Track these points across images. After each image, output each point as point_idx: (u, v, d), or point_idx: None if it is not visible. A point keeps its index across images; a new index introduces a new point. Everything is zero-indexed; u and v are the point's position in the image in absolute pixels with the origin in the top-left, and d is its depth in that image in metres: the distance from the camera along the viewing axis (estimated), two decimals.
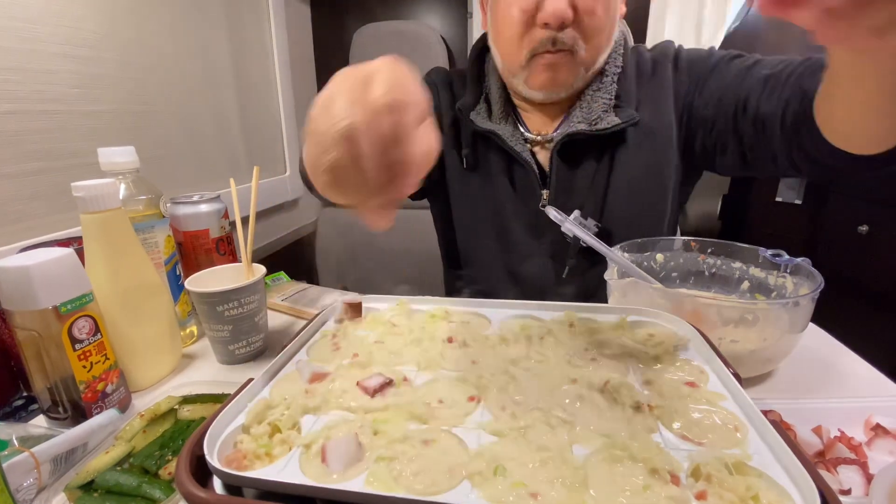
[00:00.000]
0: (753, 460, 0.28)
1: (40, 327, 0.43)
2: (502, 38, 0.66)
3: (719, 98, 0.64)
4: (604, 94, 0.68)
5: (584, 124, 0.67)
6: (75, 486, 0.38)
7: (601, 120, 0.67)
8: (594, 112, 0.67)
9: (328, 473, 0.28)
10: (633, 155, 0.69)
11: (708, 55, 0.69)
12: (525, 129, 0.73)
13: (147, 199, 0.59)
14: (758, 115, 0.60)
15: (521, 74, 0.66)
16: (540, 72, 0.65)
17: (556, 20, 0.59)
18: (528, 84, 0.67)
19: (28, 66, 0.64)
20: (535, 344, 0.42)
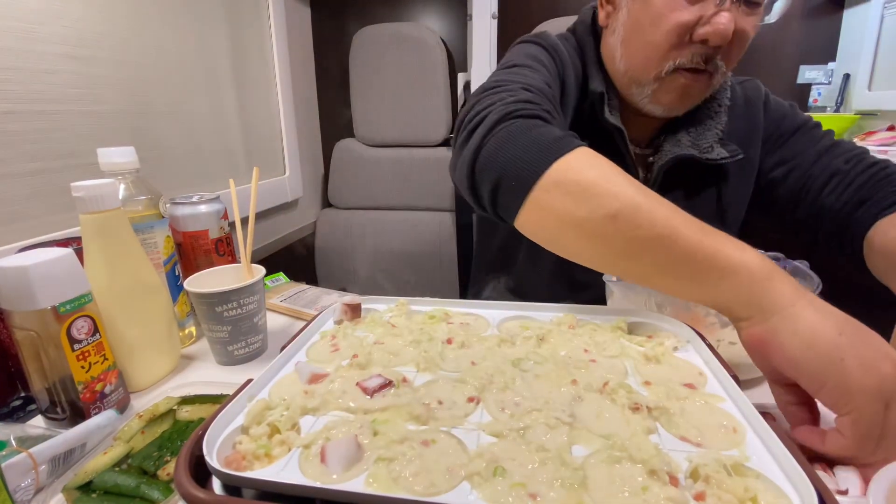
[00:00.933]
0: (751, 461, 0.28)
1: (39, 327, 0.43)
2: (642, 42, 0.59)
3: (792, 167, 0.66)
4: (717, 123, 0.67)
5: (695, 150, 0.65)
6: (73, 487, 0.37)
7: (712, 150, 0.65)
8: (706, 140, 0.66)
9: (328, 474, 0.28)
10: (733, 189, 0.70)
11: (792, 113, 0.71)
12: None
13: (146, 200, 0.59)
14: (814, 205, 0.64)
15: (650, 86, 0.60)
16: (673, 90, 0.60)
17: (722, 39, 0.54)
18: (654, 99, 0.61)
19: (27, 65, 0.64)
20: (534, 345, 0.42)
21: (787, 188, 0.67)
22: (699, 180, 0.69)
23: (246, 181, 1.13)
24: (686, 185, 0.69)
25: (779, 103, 0.72)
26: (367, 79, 1.42)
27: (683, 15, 0.55)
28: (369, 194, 1.50)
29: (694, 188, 0.70)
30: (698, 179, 0.69)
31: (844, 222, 0.61)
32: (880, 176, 0.60)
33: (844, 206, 0.61)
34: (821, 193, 0.64)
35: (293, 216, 1.47)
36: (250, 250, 0.60)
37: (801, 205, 0.66)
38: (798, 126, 0.69)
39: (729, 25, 0.53)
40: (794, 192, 0.67)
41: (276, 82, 1.31)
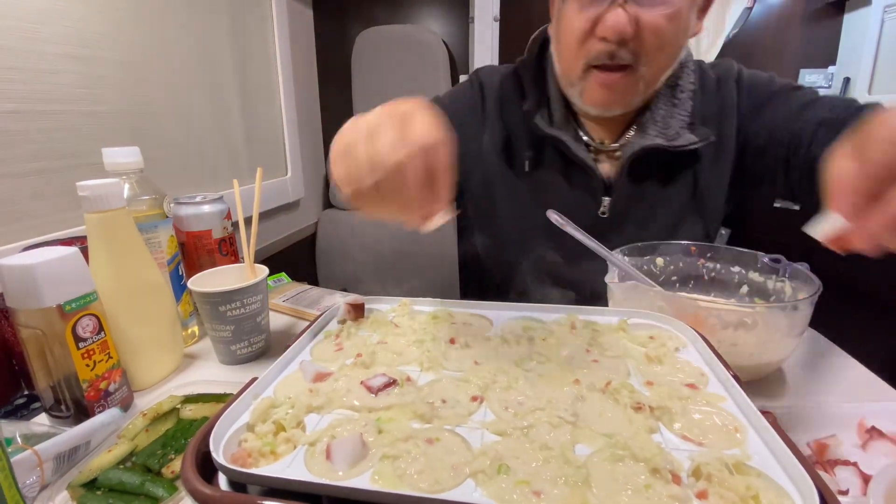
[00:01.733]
0: (753, 460, 0.28)
1: (44, 325, 0.43)
2: (562, 46, 0.65)
3: (773, 129, 0.65)
4: (681, 110, 0.68)
5: (662, 139, 0.66)
6: (78, 485, 0.38)
7: (679, 136, 0.66)
8: (672, 128, 0.67)
9: (333, 471, 0.28)
10: (708, 174, 0.69)
11: (769, 81, 0.69)
12: (588, 137, 0.72)
13: (151, 200, 0.59)
14: (808, 159, 0.60)
15: (577, 86, 0.65)
16: (595, 88, 0.63)
17: (614, 35, 0.57)
18: (584, 98, 0.65)
19: (31, 65, 0.64)
20: (536, 345, 0.43)
21: (774, 152, 0.65)
22: (672, 169, 0.70)
23: (248, 181, 1.13)
24: (659, 174, 0.70)
25: (755, 75, 0.70)
26: (370, 80, 1.43)
27: (584, 16, 0.60)
28: None
29: (667, 177, 0.70)
30: (671, 168, 0.69)
31: None
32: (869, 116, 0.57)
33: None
34: (811, 145, 0.60)
35: (295, 216, 1.47)
36: (253, 250, 0.60)
37: (793, 163, 0.63)
38: (776, 91, 0.67)
39: (619, 21, 0.57)
40: (783, 154, 0.64)
41: (279, 83, 1.31)
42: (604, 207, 0.70)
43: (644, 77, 0.62)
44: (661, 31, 0.58)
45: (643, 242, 0.63)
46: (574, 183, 0.71)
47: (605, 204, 0.70)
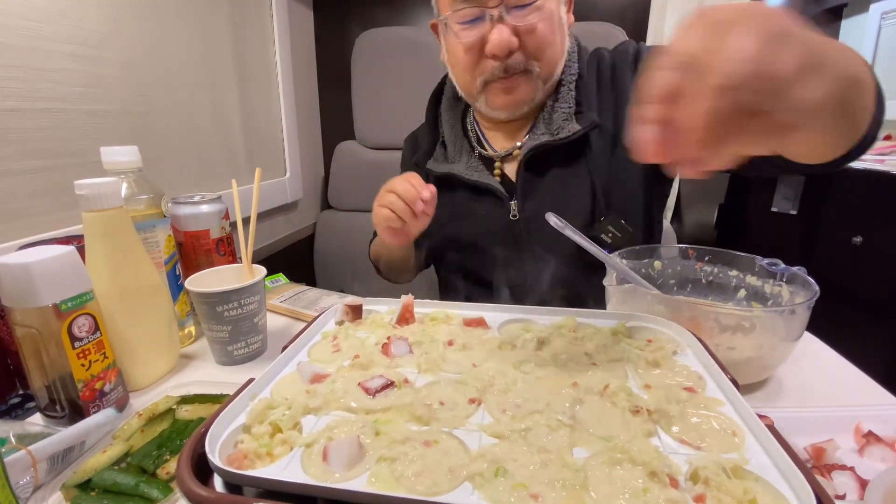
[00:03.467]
0: (751, 464, 0.28)
1: (40, 324, 0.43)
2: (457, 70, 0.71)
3: None
4: (562, 103, 0.70)
5: (548, 135, 0.70)
6: (72, 485, 0.37)
7: (562, 129, 0.69)
8: (555, 122, 0.70)
9: (330, 473, 0.28)
10: (599, 159, 0.70)
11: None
12: (491, 149, 0.77)
13: (148, 199, 0.59)
14: None
15: (481, 98, 0.69)
16: (496, 94, 0.68)
17: (502, 51, 0.62)
18: (489, 106, 0.70)
19: (31, 63, 0.64)
20: (534, 348, 0.42)
21: None
22: (567, 161, 0.71)
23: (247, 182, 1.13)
24: (556, 169, 0.72)
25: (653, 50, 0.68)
26: (369, 81, 1.43)
27: (467, 41, 0.64)
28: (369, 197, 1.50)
29: (565, 170, 0.72)
30: (566, 161, 0.71)
31: None
32: None
33: None
34: None
35: (293, 217, 1.47)
36: (251, 250, 0.60)
37: None
38: None
39: (503, 37, 0.61)
40: None
41: (278, 84, 1.31)
42: (514, 211, 0.73)
43: (540, 76, 0.67)
44: (540, 34, 0.63)
45: (641, 246, 0.63)
46: (483, 197, 0.75)
47: (514, 208, 0.73)
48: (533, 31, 0.63)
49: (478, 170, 0.75)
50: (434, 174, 0.77)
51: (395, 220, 0.65)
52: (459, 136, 0.79)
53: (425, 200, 0.63)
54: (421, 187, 0.63)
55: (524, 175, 0.72)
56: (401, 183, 0.64)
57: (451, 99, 0.81)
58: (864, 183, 1.28)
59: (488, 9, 0.62)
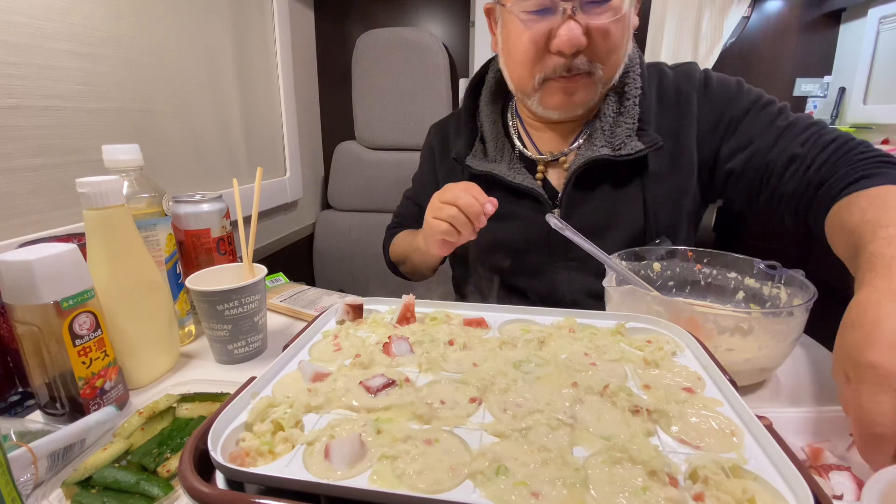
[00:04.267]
0: (749, 464, 0.28)
1: (41, 322, 0.43)
2: (513, 62, 0.66)
3: (750, 156, 0.65)
4: (626, 117, 0.67)
5: (608, 149, 0.66)
6: (72, 483, 0.37)
7: (625, 145, 0.66)
8: (618, 137, 0.67)
9: (332, 471, 0.28)
10: (655, 181, 0.68)
11: (737, 92, 0.68)
12: (535, 150, 0.73)
13: (150, 198, 0.59)
14: (776, 192, 0.63)
15: (535, 96, 0.66)
16: (554, 93, 0.64)
17: (570, 48, 0.58)
18: (543, 105, 0.66)
19: (33, 61, 0.64)
20: (535, 348, 0.43)
21: (747, 177, 0.66)
22: (621, 177, 0.69)
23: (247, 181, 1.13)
24: (607, 184, 0.69)
25: (723, 85, 0.69)
26: (370, 82, 1.43)
27: (534, 32, 0.60)
28: (369, 197, 1.51)
29: (617, 186, 0.69)
30: (620, 176, 0.69)
31: (807, 205, 0.61)
32: (838, 155, 0.59)
33: (806, 190, 0.61)
34: (781, 179, 0.63)
35: (293, 217, 1.47)
36: (252, 249, 0.60)
37: (764, 191, 0.65)
38: (748, 107, 0.66)
39: (574, 34, 0.57)
40: (755, 179, 0.65)
41: (279, 84, 1.31)
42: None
43: (601, 79, 0.64)
44: (611, 36, 0.60)
45: (640, 247, 0.64)
46: (522, 200, 0.72)
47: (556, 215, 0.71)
48: (605, 32, 0.59)
49: (520, 172, 0.72)
50: (473, 171, 0.73)
51: (453, 234, 0.63)
52: (500, 133, 0.75)
53: (488, 214, 0.61)
54: (485, 201, 0.61)
55: (573, 185, 0.69)
56: (465, 197, 0.61)
57: (492, 92, 0.76)
58: None
59: (562, 1, 0.57)
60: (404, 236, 0.87)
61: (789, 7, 1.66)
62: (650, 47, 1.63)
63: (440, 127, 0.87)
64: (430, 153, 0.87)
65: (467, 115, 0.78)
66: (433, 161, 0.86)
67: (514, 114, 0.77)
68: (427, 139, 0.89)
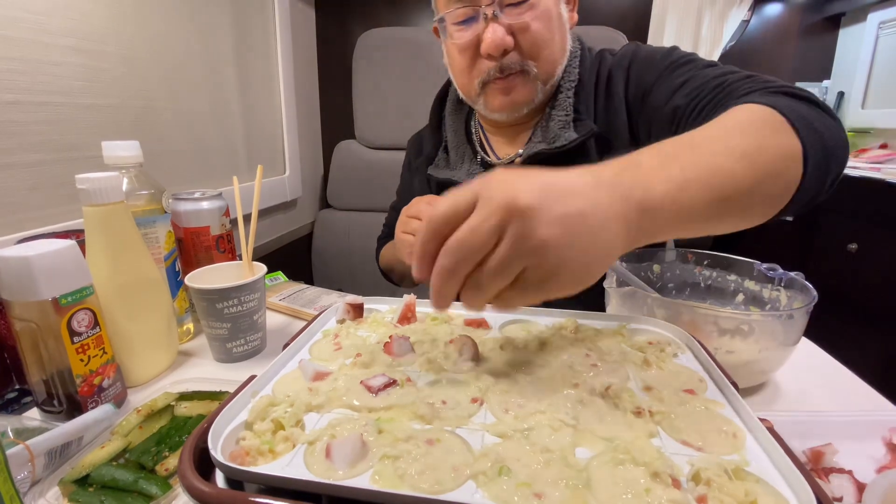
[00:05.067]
0: (751, 466, 0.28)
1: (39, 318, 0.42)
2: (455, 72, 0.70)
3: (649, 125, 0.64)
4: (559, 110, 0.68)
5: (544, 143, 0.68)
6: (70, 481, 0.37)
7: (559, 137, 0.67)
8: (552, 130, 0.68)
9: (333, 470, 0.28)
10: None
11: (660, 60, 0.65)
12: (494, 155, 0.76)
13: (149, 195, 0.59)
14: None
15: (479, 101, 0.69)
16: (494, 95, 0.67)
17: (496, 50, 0.61)
18: (488, 108, 0.69)
19: (33, 57, 0.64)
20: (536, 349, 0.43)
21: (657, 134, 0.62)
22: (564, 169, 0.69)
23: (247, 179, 1.13)
24: None
25: (646, 60, 0.66)
26: (370, 81, 1.43)
27: (463, 42, 0.63)
28: (368, 196, 1.50)
29: None
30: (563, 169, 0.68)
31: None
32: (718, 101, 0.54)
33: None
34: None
35: (292, 216, 1.46)
36: (252, 248, 0.60)
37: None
38: (661, 72, 0.63)
39: (497, 35, 0.60)
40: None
41: (280, 82, 1.31)
42: None
43: (538, 76, 0.65)
44: (535, 32, 0.62)
45: (641, 249, 0.64)
46: None
47: None
48: (527, 29, 0.61)
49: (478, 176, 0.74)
50: (435, 180, 0.76)
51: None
52: (462, 141, 0.78)
53: None
54: None
55: None
56: (426, 210, 0.63)
57: (454, 102, 0.80)
58: (860, 190, 1.29)
59: (481, 7, 0.61)
60: (389, 248, 0.90)
61: (789, 11, 1.66)
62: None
63: (415, 139, 0.91)
64: (408, 165, 0.91)
65: (433, 126, 0.82)
66: (410, 172, 0.90)
67: (476, 122, 0.80)
68: (406, 151, 0.93)
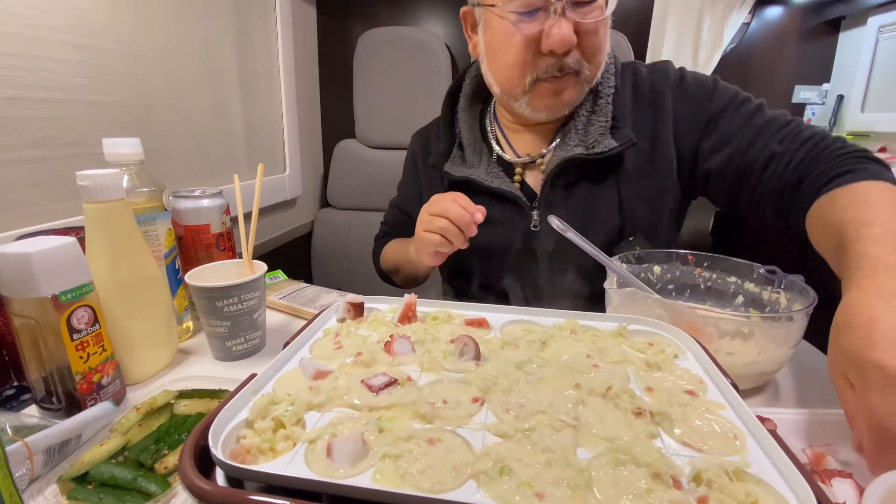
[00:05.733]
0: (752, 467, 0.28)
1: (38, 315, 0.42)
2: (502, 64, 0.65)
3: (730, 154, 0.65)
4: (600, 116, 0.68)
5: (582, 148, 0.67)
6: (68, 478, 0.37)
7: (598, 143, 0.66)
8: (591, 135, 0.67)
9: (334, 469, 0.28)
10: (631, 179, 0.68)
11: (713, 89, 0.67)
12: (513, 153, 0.74)
13: (149, 192, 0.59)
14: (756, 191, 0.63)
15: (524, 98, 0.66)
16: (544, 95, 0.65)
17: (563, 48, 0.59)
18: (532, 106, 0.67)
19: (34, 53, 0.64)
20: (537, 349, 0.43)
21: (727, 177, 0.66)
22: (598, 176, 0.69)
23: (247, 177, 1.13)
24: (585, 183, 0.69)
25: (699, 83, 0.69)
26: (371, 81, 1.43)
27: (524, 33, 0.60)
28: (368, 196, 1.50)
29: (594, 185, 0.69)
30: (597, 175, 0.69)
31: (787, 202, 0.61)
32: (815, 152, 0.59)
33: (786, 187, 0.60)
34: (761, 178, 0.62)
35: (292, 214, 1.46)
36: (252, 246, 0.60)
37: (744, 190, 0.65)
38: (725, 105, 0.66)
39: (567, 32, 0.58)
40: (735, 178, 0.65)
41: (280, 81, 1.31)
42: (534, 221, 0.71)
43: (587, 79, 0.65)
44: (598, 35, 0.62)
45: (641, 250, 0.64)
46: (502, 204, 0.72)
47: (535, 217, 0.71)
48: (594, 31, 0.61)
49: (498, 176, 0.72)
50: (451, 178, 0.74)
51: (445, 245, 0.64)
52: (478, 138, 0.76)
53: (478, 223, 0.62)
54: (473, 210, 0.62)
55: (550, 185, 0.69)
56: (454, 208, 0.62)
57: (469, 98, 0.77)
58: None
59: (553, 1, 0.58)
60: (394, 246, 0.87)
61: (789, 14, 1.66)
62: (651, 53, 1.63)
63: (421, 134, 0.88)
64: (413, 161, 0.88)
65: (446, 122, 0.79)
66: (416, 169, 0.87)
67: (492, 118, 0.78)
68: (410, 147, 0.90)
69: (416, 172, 0.88)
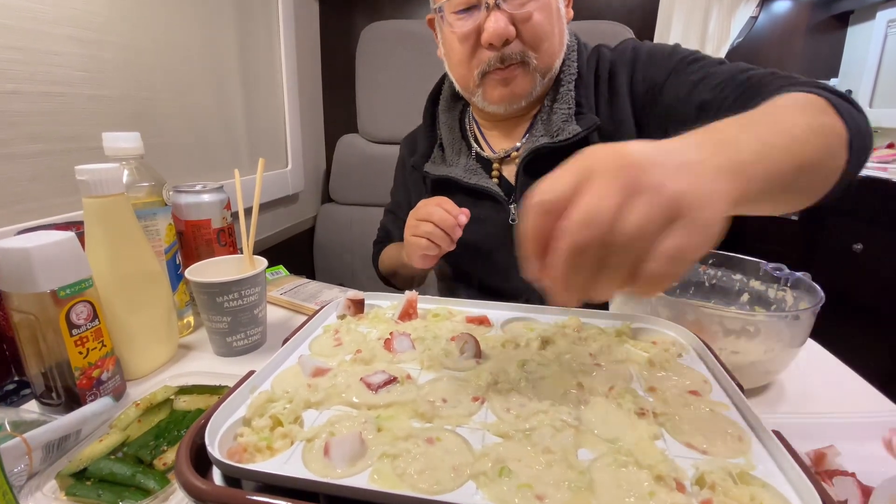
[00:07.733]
0: (757, 470, 0.28)
1: (38, 310, 0.42)
2: (453, 63, 0.69)
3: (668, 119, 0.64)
4: (562, 103, 0.68)
5: (547, 137, 0.68)
6: (67, 474, 0.37)
7: (562, 131, 0.67)
8: (555, 123, 0.68)
9: (331, 468, 0.28)
10: None
11: (668, 56, 0.65)
12: (490, 150, 0.75)
13: (150, 187, 0.58)
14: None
15: (478, 92, 0.68)
16: (494, 86, 0.66)
17: (498, 39, 0.61)
18: (487, 99, 0.68)
19: (34, 46, 0.63)
20: (538, 347, 0.42)
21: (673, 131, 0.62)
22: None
23: (248, 172, 1.12)
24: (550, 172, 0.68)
25: (651, 55, 0.67)
26: (373, 75, 1.42)
27: (463, 31, 0.63)
28: (370, 191, 1.49)
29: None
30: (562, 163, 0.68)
31: None
32: (750, 93, 0.54)
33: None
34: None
35: (293, 209, 1.46)
36: (253, 241, 0.60)
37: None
38: (673, 67, 0.64)
39: (499, 24, 0.60)
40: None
41: (282, 75, 1.30)
42: (513, 215, 0.72)
43: (537, 69, 0.65)
44: (537, 23, 0.62)
45: None
46: (482, 201, 0.73)
47: (513, 211, 0.71)
48: (529, 19, 0.61)
49: (476, 172, 0.74)
50: (432, 177, 0.76)
51: (432, 248, 0.64)
52: (457, 137, 0.77)
53: (462, 225, 0.63)
54: (457, 213, 0.63)
55: (523, 178, 0.70)
56: (438, 212, 0.63)
57: (448, 99, 0.80)
58: (866, 190, 1.28)
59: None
60: (390, 251, 0.89)
61: (797, 8, 1.64)
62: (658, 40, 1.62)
63: (409, 139, 0.90)
64: (402, 165, 0.90)
65: (428, 125, 0.81)
66: (404, 173, 0.89)
67: (470, 118, 0.80)
68: (399, 152, 0.92)
69: (404, 176, 0.89)
